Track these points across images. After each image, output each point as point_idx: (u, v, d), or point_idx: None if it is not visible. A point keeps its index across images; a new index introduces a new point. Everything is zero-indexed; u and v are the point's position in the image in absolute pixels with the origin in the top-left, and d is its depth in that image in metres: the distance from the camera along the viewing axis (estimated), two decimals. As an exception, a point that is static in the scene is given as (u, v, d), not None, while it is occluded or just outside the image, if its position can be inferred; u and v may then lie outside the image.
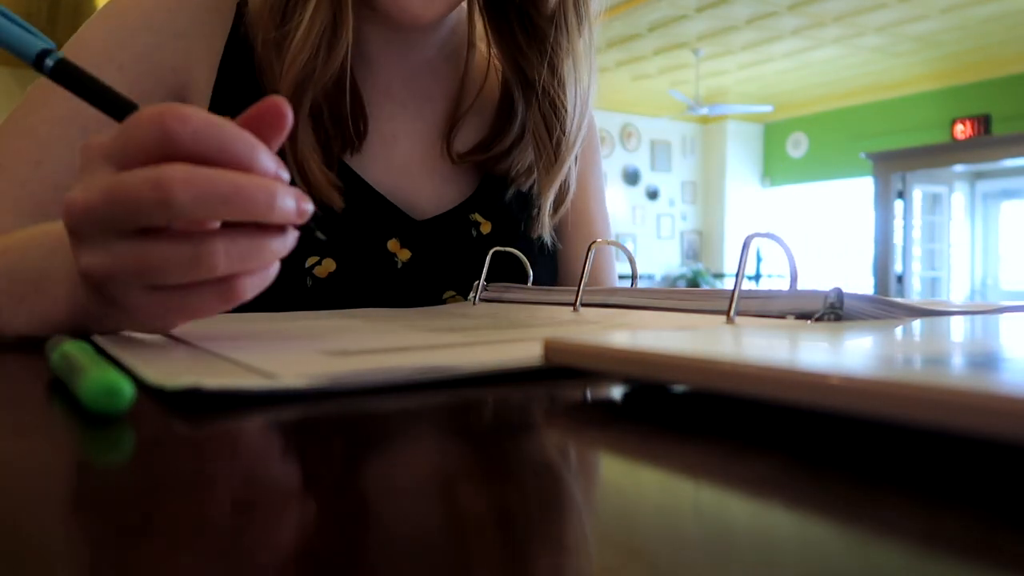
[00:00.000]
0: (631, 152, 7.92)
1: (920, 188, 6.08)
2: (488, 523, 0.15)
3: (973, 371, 0.21)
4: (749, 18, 5.38)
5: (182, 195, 0.30)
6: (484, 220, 0.70)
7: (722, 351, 0.24)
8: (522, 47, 0.67)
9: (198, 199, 0.30)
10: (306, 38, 0.58)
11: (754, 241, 0.42)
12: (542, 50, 0.66)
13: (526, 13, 0.67)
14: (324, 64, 0.59)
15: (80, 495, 0.17)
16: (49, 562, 0.13)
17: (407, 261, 0.66)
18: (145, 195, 0.30)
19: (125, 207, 0.31)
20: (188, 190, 0.30)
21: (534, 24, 0.67)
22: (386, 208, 0.65)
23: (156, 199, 0.30)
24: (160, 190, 0.30)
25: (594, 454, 0.21)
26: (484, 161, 0.70)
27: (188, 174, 0.30)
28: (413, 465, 0.20)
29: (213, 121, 0.32)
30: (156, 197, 0.30)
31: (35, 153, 0.58)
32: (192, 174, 0.30)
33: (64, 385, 0.27)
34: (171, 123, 0.31)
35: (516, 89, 0.70)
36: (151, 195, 0.30)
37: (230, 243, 0.32)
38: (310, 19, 0.58)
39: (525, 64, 0.68)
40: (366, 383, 0.27)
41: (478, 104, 0.72)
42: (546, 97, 0.67)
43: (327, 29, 0.59)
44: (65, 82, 0.37)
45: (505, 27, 0.69)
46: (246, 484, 0.18)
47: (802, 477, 0.17)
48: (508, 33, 0.68)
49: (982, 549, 0.13)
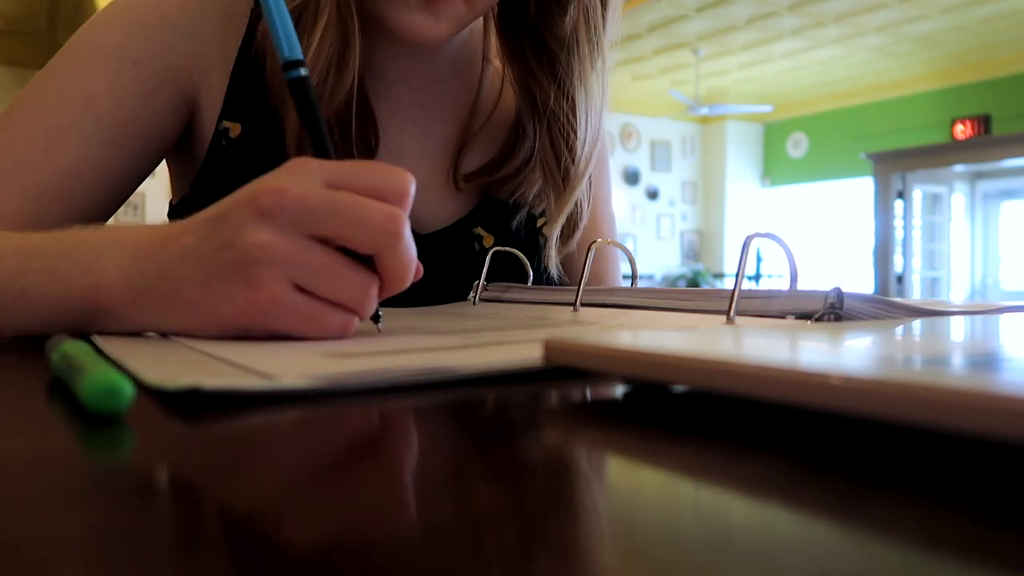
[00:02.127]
0: (631, 152, 7.92)
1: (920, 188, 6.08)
2: (488, 523, 0.15)
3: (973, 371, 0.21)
4: (749, 18, 5.38)
5: (405, 237, 0.36)
6: (487, 234, 0.69)
7: (722, 351, 0.24)
8: (533, 69, 0.66)
9: (408, 247, 0.37)
10: (314, 65, 0.57)
11: (754, 241, 0.42)
12: (552, 73, 0.65)
13: (539, 34, 0.65)
14: (332, 92, 0.59)
15: (80, 495, 0.17)
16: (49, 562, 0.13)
17: None
18: (379, 219, 0.36)
19: (350, 219, 0.35)
20: (408, 236, 0.37)
21: (546, 46, 0.65)
22: None
23: (387, 228, 0.36)
24: (394, 223, 0.36)
25: (594, 454, 0.21)
26: (488, 184, 0.69)
27: (408, 225, 0.37)
28: (413, 465, 0.20)
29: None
30: (388, 227, 0.36)
31: (44, 139, 0.57)
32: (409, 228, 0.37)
33: (64, 385, 0.27)
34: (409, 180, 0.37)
35: (526, 111, 0.69)
36: (385, 223, 0.36)
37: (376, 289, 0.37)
38: (318, 45, 0.57)
39: (535, 87, 0.66)
40: (366, 384, 0.27)
41: (491, 123, 0.71)
42: (556, 122, 0.66)
43: (335, 55, 0.58)
44: (299, 96, 0.43)
45: (517, 47, 0.67)
46: (246, 484, 0.18)
47: (802, 477, 0.17)
48: (520, 54, 0.67)
49: (982, 549, 0.13)
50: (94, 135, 0.58)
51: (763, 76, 6.83)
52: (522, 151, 0.69)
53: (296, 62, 0.42)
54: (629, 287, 0.56)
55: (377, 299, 0.38)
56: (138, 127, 0.60)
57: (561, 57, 0.65)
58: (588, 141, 0.67)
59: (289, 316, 0.36)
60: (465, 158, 0.69)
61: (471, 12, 0.58)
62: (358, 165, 0.38)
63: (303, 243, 0.35)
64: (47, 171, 0.57)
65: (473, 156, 0.70)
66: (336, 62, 0.59)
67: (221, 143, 0.63)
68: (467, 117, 0.71)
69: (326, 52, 0.58)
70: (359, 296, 0.36)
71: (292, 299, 0.35)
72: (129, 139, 0.60)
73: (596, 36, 0.65)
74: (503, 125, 0.72)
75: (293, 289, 0.35)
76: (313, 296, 0.36)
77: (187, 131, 0.65)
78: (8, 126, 0.59)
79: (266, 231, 0.35)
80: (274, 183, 0.36)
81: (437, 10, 0.57)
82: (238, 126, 0.63)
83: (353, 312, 0.37)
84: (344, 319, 0.37)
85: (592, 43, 0.65)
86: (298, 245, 0.35)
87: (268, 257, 0.35)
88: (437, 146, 0.70)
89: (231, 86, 0.63)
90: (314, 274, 0.35)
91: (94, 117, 0.58)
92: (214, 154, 0.63)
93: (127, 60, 0.60)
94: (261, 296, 0.35)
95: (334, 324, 0.36)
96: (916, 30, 5.57)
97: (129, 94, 0.59)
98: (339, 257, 0.36)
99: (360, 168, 0.38)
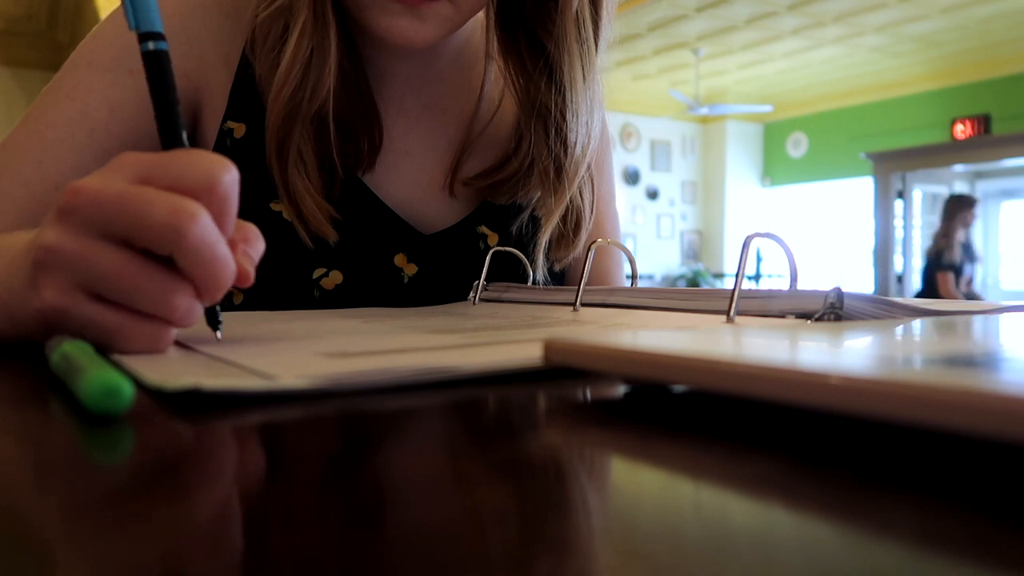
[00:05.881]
0: (631, 152, 7.92)
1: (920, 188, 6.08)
2: (488, 523, 0.15)
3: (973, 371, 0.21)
4: (749, 18, 5.38)
5: (193, 234, 0.31)
6: (491, 232, 0.69)
7: (722, 351, 0.24)
8: (527, 66, 0.65)
9: (202, 245, 0.31)
10: (289, 70, 0.57)
11: (754, 241, 0.42)
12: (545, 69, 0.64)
13: (533, 31, 0.65)
14: (310, 97, 0.58)
15: (80, 495, 0.17)
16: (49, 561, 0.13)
17: (413, 275, 0.66)
18: (161, 214, 0.31)
19: (134, 215, 0.31)
20: (198, 232, 0.31)
21: (539, 42, 0.64)
22: (395, 223, 0.65)
23: (170, 224, 0.31)
24: (178, 217, 0.31)
25: (594, 454, 0.21)
26: (485, 188, 0.68)
27: (205, 220, 0.31)
28: (412, 466, 0.20)
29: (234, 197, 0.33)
30: (171, 222, 0.31)
31: (38, 153, 0.58)
32: (207, 223, 0.31)
33: (64, 385, 0.27)
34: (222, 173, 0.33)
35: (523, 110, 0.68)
36: (167, 218, 0.31)
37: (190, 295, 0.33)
38: (293, 49, 0.57)
39: (530, 83, 0.66)
40: (365, 384, 0.27)
41: (494, 123, 0.70)
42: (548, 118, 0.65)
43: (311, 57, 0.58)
44: (152, 71, 0.37)
45: (513, 44, 0.67)
46: (246, 484, 0.18)
47: (802, 477, 0.17)
48: (516, 51, 0.66)
49: (981, 549, 0.13)
50: (88, 146, 0.58)
51: (763, 76, 6.83)
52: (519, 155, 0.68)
53: (149, 34, 0.37)
54: (629, 287, 0.56)
55: (196, 304, 0.33)
56: (135, 136, 0.60)
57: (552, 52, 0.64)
58: (580, 137, 0.66)
59: (81, 327, 0.32)
60: (467, 160, 0.69)
61: (458, 14, 0.58)
62: (176, 156, 0.33)
63: (94, 246, 0.32)
64: (41, 185, 0.58)
65: (475, 157, 0.70)
66: (315, 66, 0.58)
67: (226, 143, 0.63)
68: (470, 117, 0.71)
69: (301, 57, 0.57)
70: (164, 302, 0.32)
71: (81, 309, 0.32)
72: (125, 149, 0.60)
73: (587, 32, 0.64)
74: (506, 126, 0.71)
75: (85, 297, 0.32)
76: (114, 305, 0.32)
77: (191, 133, 0.65)
78: (9, 145, 0.60)
79: (57, 232, 0.32)
80: (80, 181, 0.33)
81: (421, 13, 0.56)
82: (242, 126, 0.63)
83: (163, 321, 0.33)
84: (150, 330, 0.33)
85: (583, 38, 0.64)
86: (88, 248, 0.32)
87: (53, 260, 0.32)
88: (441, 147, 0.69)
89: (235, 87, 0.63)
90: (106, 279, 0.32)
91: (89, 129, 0.59)
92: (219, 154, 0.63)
93: (123, 70, 0.60)
94: (45, 304, 0.33)
95: (139, 335, 0.32)
96: (916, 30, 5.57)
97: (125, 104, 0.60)
98: (136, 260, 0.32)
99: (174, 159, 0.33)
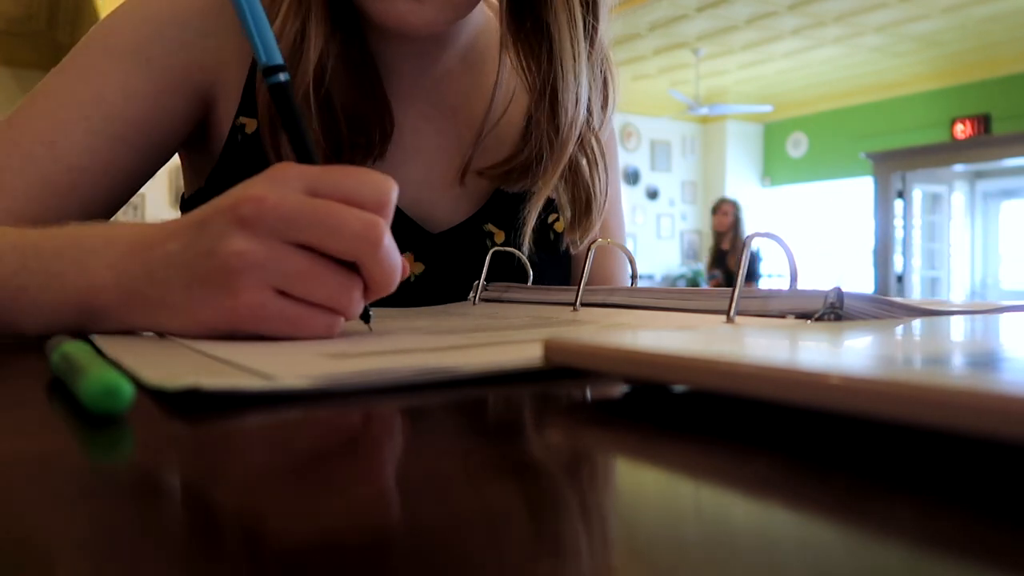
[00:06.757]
0: (631, 152, 7.92)
1: (920, 188, 6.08)
2: (488, 523, 0.15)
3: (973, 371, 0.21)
4: (749, 18, 5.38)
5: (385, 245, 0.36)
6: (498, 230, 0.69)
7: (722, 351, 0.24)
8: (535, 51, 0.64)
9: (388, 254, 0.37)
10: None
11: (754, 241, 0.42)
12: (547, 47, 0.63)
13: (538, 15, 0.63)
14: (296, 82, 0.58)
15: (80, 495, 0.17)
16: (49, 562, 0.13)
17: (420, 274, 0.66)
18: (356, 227, 0.36)
19: (328, 227, 0.35)
20: (387, 244, 0.36)
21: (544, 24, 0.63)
22: (403, 222, 0.64)
23: (365, 236, 0.36)
24: (372, 231, 0.36)
25: (594, 454, 0.21)
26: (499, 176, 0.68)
27: (388, 233, 0.37)
28: (412, 466, 0.20)
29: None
30: (366, 235, 0.36)
31: (50, 133, 0.57)
32: (389, 235, 0.37)
33: (64, 385, 0.27)
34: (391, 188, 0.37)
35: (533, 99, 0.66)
36: (363, 231, 0.36)
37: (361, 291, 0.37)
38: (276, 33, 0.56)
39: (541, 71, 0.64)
40: (366, 384, 0.27)
41: (507, 117, 0.69)
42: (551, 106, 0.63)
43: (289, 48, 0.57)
44: (280, 102, 0.42)
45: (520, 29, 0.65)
46: (245, 484, 0.18)
47: (802, 477, 0.17)
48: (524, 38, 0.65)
49: (981, 549, 0.13)
50: (102, 131, 0.58)
51: (763, 76, 6.83)
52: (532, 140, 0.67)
53: (275, 67, 0.42)
54: (629, 287, 0.56)
55: (363, 300, 0.38)
56: (149, 125, 0.60)
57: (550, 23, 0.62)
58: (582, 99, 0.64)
59: (270, 320, 0.36)
60: (479, 154, 0.68)
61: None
62: (339, 171, 0.38)
63: (281, 249, 0.35)
64: (53, 166, 0.57)
65: (487, 152, 0.69)
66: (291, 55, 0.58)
67: (237, 139, 0.63)
68: (481, 113, 0.70)
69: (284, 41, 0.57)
70: (340, 297, 0.37)
71: (272, 303, 0.36)
72: (139, 136, 0.60)
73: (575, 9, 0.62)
74: (518, 115, 0.70)
75: (273, 294, 0.36)
76: (294, 299, 0.36)
77: (202, 126, 0.65)
78: (17, 122, 0.59)
79: (245, 240, 0.35)
80: (254, 191, 0.36)
81: None
82: (254, 122, 0.62)
83: (336, 313, 0.37)
84: (326, 319, 0.37)
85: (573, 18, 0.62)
86: (276, 251, 0.35)
87: (247, 265, 0.35)
88: (450, 144, 0.69)
89: (248, 82, 0.63)
90: (292, 278, 0.36)
91: (103, 114, 0.58)
92: (230, 150, 0.63)
93: (140, 58, 0.60)
94: (240, 303, 0.36)
95: (316, 325, 0.37)
96: (916, 30, 5.57)
97: (141, 92, 0.59)
98: (319, 261, 0.36)
99: (340, 174, 0.38)
